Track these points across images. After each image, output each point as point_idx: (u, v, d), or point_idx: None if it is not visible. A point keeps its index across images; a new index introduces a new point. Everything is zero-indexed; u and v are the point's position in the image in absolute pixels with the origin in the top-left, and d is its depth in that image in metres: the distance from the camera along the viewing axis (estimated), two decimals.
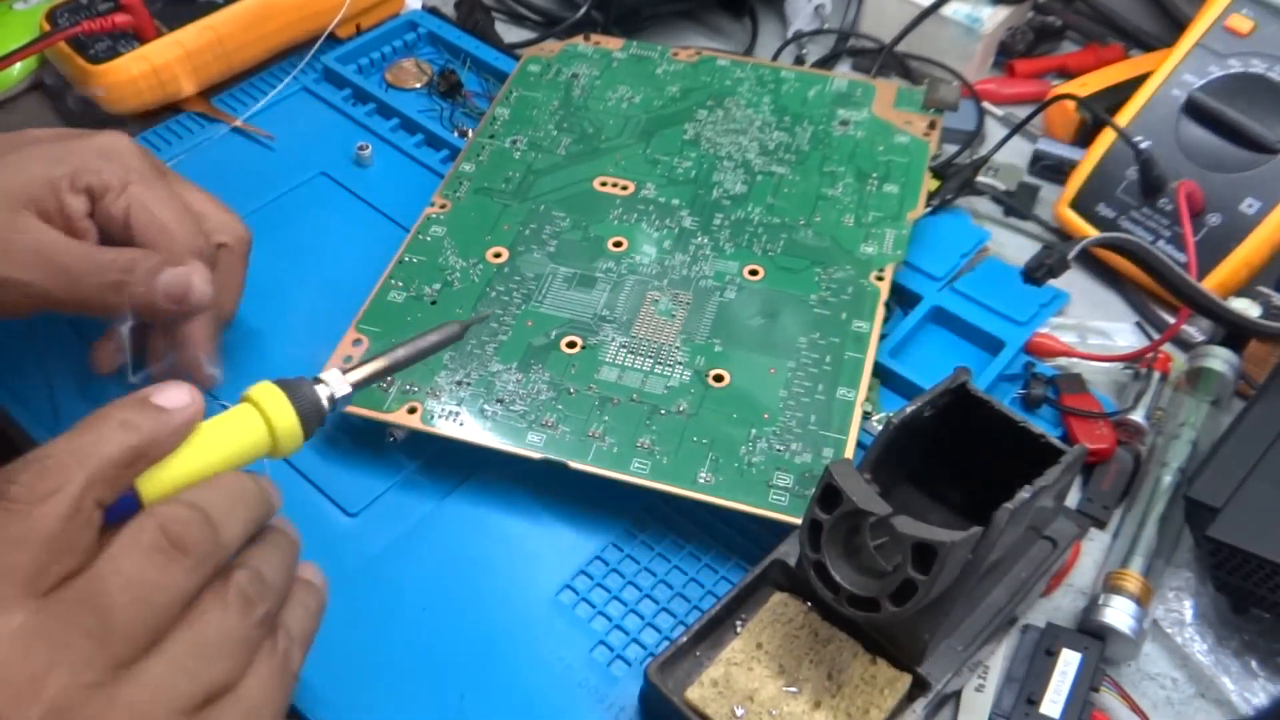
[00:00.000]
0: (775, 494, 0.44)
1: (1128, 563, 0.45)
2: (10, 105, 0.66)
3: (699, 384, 0.48)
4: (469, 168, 0.58)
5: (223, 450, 0.31)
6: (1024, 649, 0.44)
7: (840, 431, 0.46)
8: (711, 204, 0.56)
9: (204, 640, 0.28)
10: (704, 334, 0.50)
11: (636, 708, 0.42)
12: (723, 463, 0.45)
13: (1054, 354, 0.54)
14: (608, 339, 0.49)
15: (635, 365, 0.48)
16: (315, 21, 0.66)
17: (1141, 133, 0.59)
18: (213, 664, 0.28)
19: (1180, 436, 0.50)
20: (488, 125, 0.61)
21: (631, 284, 0.52)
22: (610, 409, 0.47)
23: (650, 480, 0.44)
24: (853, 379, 0.48)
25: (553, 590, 0.45)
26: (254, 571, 0.30)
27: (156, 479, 0.30)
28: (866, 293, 0.51)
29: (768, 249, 0.54)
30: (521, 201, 0.56)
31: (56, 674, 0.25)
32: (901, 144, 0.59)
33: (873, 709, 0.39)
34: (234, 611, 0.28)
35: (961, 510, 0.45)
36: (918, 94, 0.62)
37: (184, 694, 0.27)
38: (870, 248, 0.53)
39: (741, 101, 0.62)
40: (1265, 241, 0.56)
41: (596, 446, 0.45)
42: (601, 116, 0.61)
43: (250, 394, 0.33)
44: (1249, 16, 0.59)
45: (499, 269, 0.52)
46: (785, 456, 0.45)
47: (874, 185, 0.57)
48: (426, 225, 0.55)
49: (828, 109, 0.61)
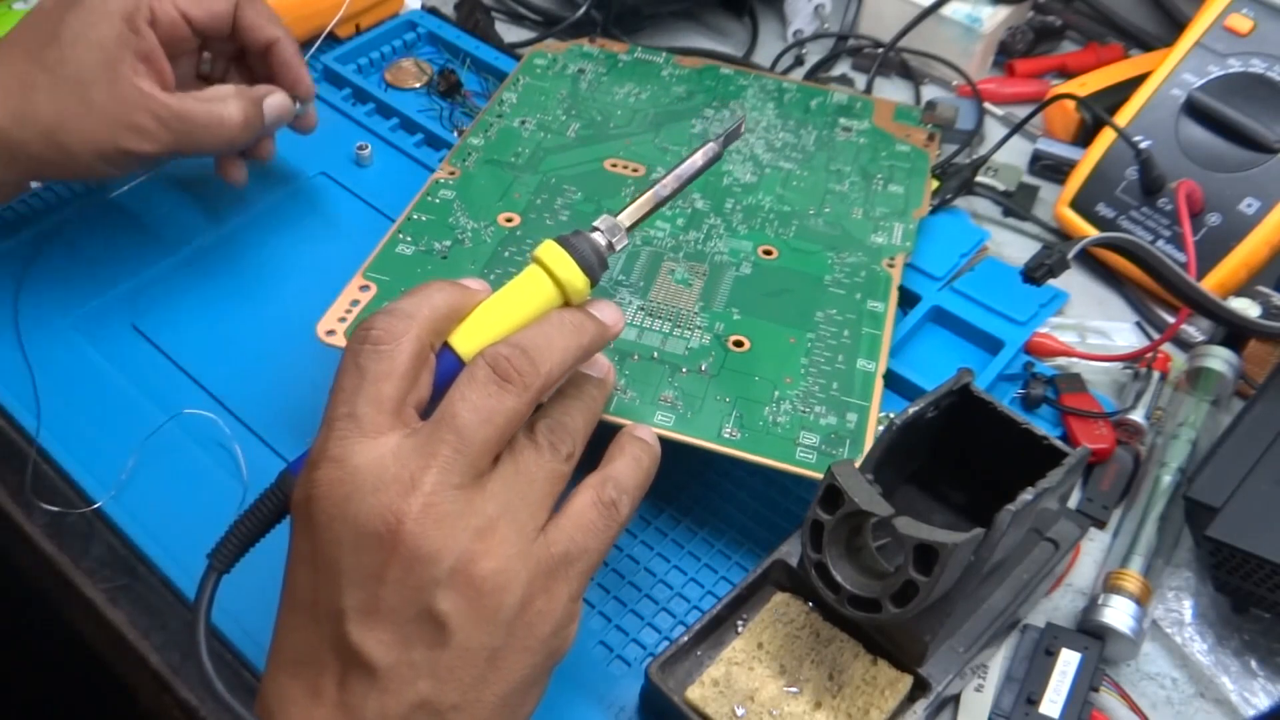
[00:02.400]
0: (802, 451, 0.43)
1: (1127, 563, 0.45)
2: None
3: (719, 348, 0.47)
4: (477, 141, 0.58)
5: (518, 306, 0.37)
6: (1023, 649, 0.44)
7: (863, 399, 0.45)
8: (723, 190, 0.56)
9: (524, 469, 0.34)
10: (722, 303, 0.49)
11: (636, 707, 0.42)
12: (747, 420, 0.44)
13: (1054, 354, 0.54)
14: (624, 301, 0.49)
15: (654, 327, 0.48)
16: (314, 21, 0.66)
17: (1141, 132, 0.59)
18: (535, 486, 0.34)
19: (1180, 436, 0.50)
20: (495, 106, 0.61)
21: (647, 254, 0.52)
22: (630, 364, 0.46)
23: (675, 432, 0.43)
24: (872, 352, 0.47)
25: None
26: (553, 420, 0.36)
27: (466, 335, 0.36)
28: (879, 277, 0.51)
29: (780, 233, 0.53)
30: (533, 174, 0.56)
31: (429, 475, 0.32)
32: (903, 152, 0.59)
33: (873, 710, 0.39)
34: (543, 450, 0.34)
35: (964, 511, 0.45)
36: (915, 111, 0.62)
37: (518, 508, 0.33)
38: (880, 238, 0.54)
39: (746, 105, 0.62)
40: (1265, 241, 0.56)
41: (618, 398, 0.45)
42: (610, 107, 0.61)
43: (535, 253, 0.37)
44: (1249, 16, 0.59)
45: (511, 232, 0.52)
46: (810, 418, 0.44)
47: (879, 185, 0.57)
48: (435, 188, 0.54)
49: (829, 117, 0.62)
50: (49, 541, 0.46)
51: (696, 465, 0.49)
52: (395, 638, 0.31)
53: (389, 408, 0.33)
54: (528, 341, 0.35)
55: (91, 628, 0.46)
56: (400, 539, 0.31)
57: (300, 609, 0.33)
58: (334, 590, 0.32)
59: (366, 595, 0.31)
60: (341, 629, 0.31)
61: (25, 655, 0.74)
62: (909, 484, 0.45)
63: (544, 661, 0.34)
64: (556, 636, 0.34)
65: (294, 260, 0.57)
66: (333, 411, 0.33)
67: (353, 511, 0.31)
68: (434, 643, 0.32)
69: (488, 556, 0.32)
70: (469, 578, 0.32)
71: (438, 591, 0.31)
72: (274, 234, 0.58)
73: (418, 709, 0.32)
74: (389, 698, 0.31)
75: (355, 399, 0.33)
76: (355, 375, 0.33)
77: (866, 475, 0.38)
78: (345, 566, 0.31)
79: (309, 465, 0.33)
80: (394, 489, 0.31)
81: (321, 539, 0.32)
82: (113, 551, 0.46)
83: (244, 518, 0.36)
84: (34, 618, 0.66)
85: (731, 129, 0.41)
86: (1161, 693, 0.44)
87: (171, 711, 0.44)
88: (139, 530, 0.46)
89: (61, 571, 0.46)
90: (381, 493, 0.31)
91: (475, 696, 0.32)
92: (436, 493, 0.32)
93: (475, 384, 0.33)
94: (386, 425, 0.33)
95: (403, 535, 0.31)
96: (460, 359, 0.36)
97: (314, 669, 0.32)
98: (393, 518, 0.31)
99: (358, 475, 0.32)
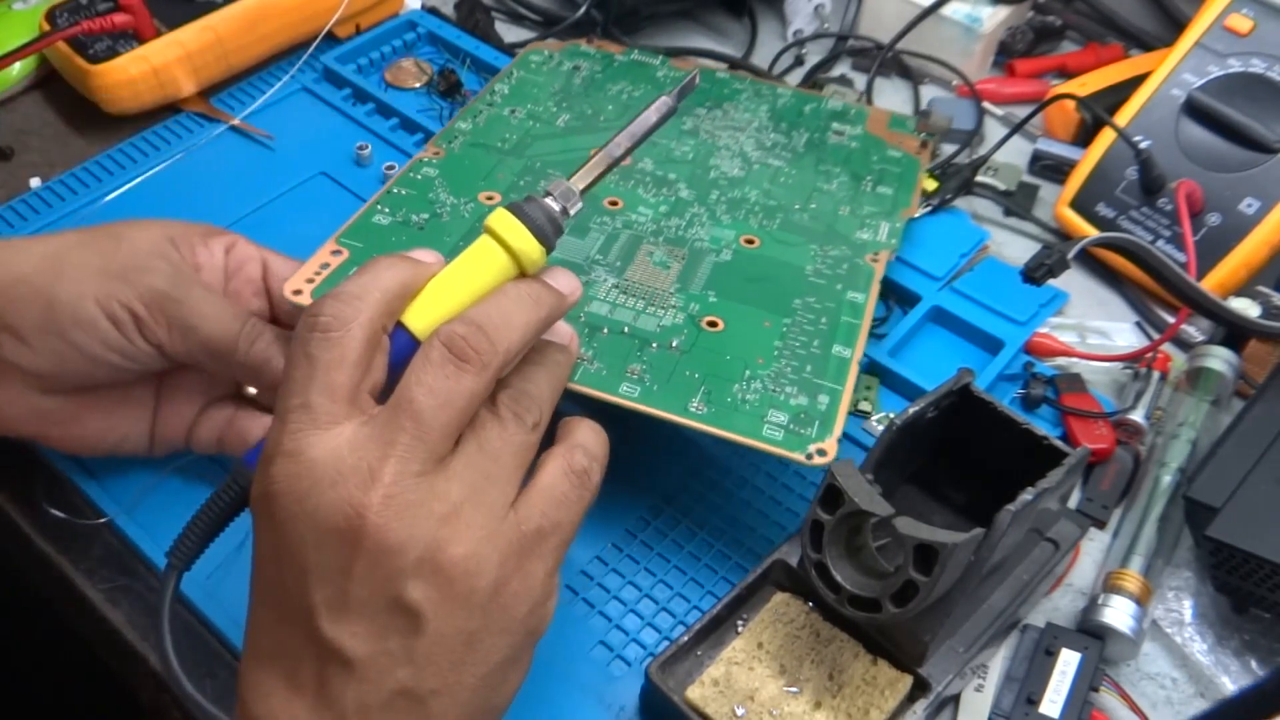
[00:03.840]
0: (769, 428, 0.42)
1: (1127, 562, 0.45)
2: (10, 105, 0.66)
3: (692, 326, 0.47)
4: (465, 125, 0.58)
5: (472, 279, 0.35)
6: (1024, 649, 0.44)
7: (836, 382, 0.45)
8: (709, 182, 0.56)
9: (489, 446, 0.33)
10: (699, 286, 0.49)
11: (636, 707, 0.42)
12: (715, 395, 0.43)
13: (1053, 354, 0.54)
14: (599, 279, 0.49)
15: (627, 305, 0.47)
16: (314, 21, 0.66)
17: (1141, 132, 0.59)
18: (502, 462, 0.33)
19: (1180, 436, 0.50)
20: (487, 95, 0.60)
21: (626, 237, 0.51)
22: (600, 338, 0.45)
23: (639, 403, 0.43)
24: (849, 339, 0.47)
25: None
26: (516, 390, 0.35)
27: (419, 312, 0.35)
28: (862, 270, 0.51)
29: (764, 224, 0.53)
30: (518, 158, 0.56)
31: (389, 464, 0.31)
32: (894, 157, 0.59)
33: (873, 709, 0.39)
34: (508, 424, 0.34)
35: (964, 511, 0.45)
36: (910, 121, 0.62)
37: (484, 487, 0.33)
38: (865, 234, 0.53)
39: (740, 106, 0.62)
40: (1264, 241, 0.56)
41: (584, 368, 0.44)
42: (602, 102, 0.61)
43: (487, 222, 0.36)
44: (1249, 16, 0.59)
45: (491, 209, 0.52)
46: (780, 397, 0.44)
47: (869, 186, 0.57)
48: (418, 166, 0.54)
49: (823, 122, 0.62)
50: (48, 542, 0.46)
51: (696, 464, 0.49)
52: (369, 629, 0.31)
53: (343, 396, 0.32)
54: (484, 318, 0.34)
55: (91, 628, 0.46)
56: (364, 533, 0.31)
57: (270, 604, 0.33)
58: (302, 586, 0.31)
59: (335, 590, 0.31)
60: (314, 624, 0.31)
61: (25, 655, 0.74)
62: (909, 484, 0.45)
63: (523, 640, 0.34)
64: (534, 615, 0.34)
65: None
66: (285, 403, 0.32)
67: (312, 507, 0.31)
68: (409, 631, 0.31)
69: (456, 542, 0.31)
70: (437, 565, 0.31)
71: (407, 582, 0.31)
72: (274, 234, 0.58)
73: (398, 696, 0.32)
74: (368, 687, 0.31)
75: (308, 389, 0.32)
76: (306, 365, 0.32)
77: (866, 475, 0.38)
78: (311, 563, 0.31)
79: (264, 460, 0.32)
80: (353, 481, 0.31)
81: (284, 536, 0.31)
82: (112, 552, 0.46)
83: (201, 513, 0.36)
84: (33, 618, 0.66)
85: (686, 83, 0.39)
86: (1161, 693, 0.44)
87: (170, 711, 0.44)
88: (139, 532, 0.46)
89: (61, 571, 0.46)
90: (340, 486, 0.31)
91: (455, 680, 0.32)
92: (397, 482, 0.31)
93: (431, 366, 0.32)
94: (341, 415, 0.32)
95: (366, 529, 0.31)
96: (415, 338, 0.35)
97: (290, 662, 0.32)
98: (354, 512, 0.31)
99: (315, 469, 0.31)
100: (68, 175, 0.61)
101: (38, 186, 0.60)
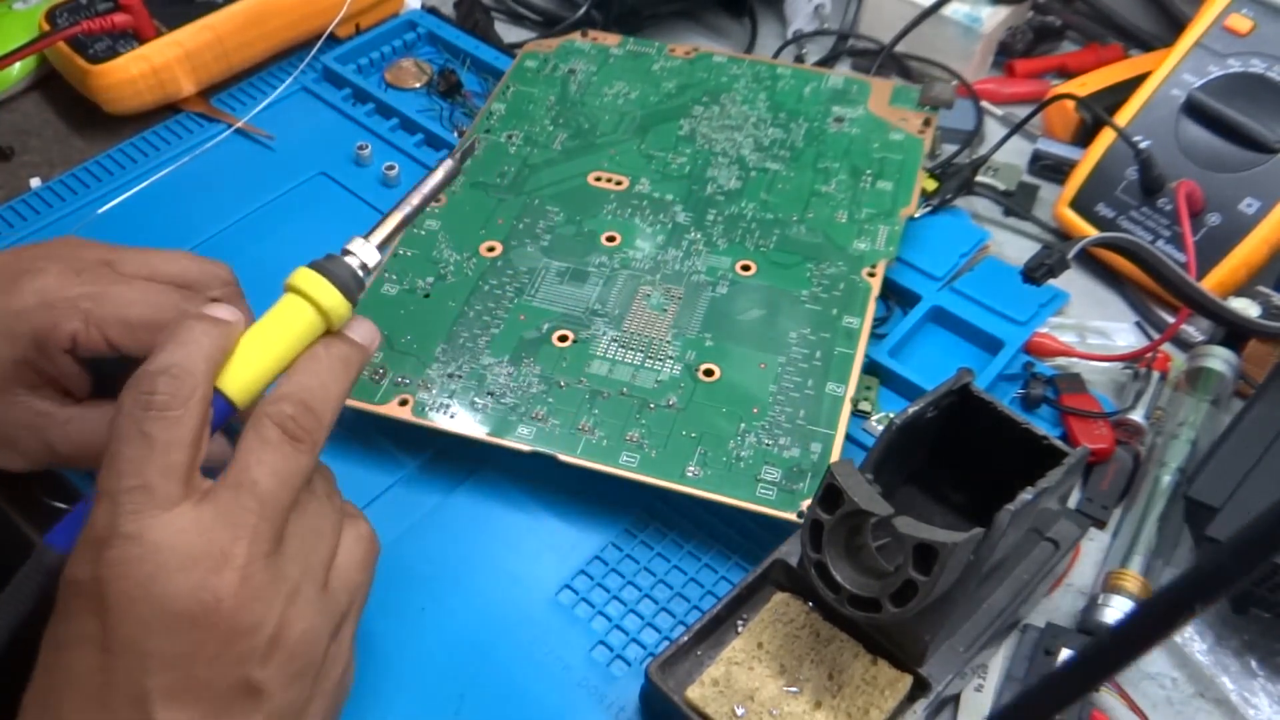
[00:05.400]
0: (763, 488, 0.44)
1: (1127, 562, 0.45)
2: (10, 105, 0.66)
3: (689, 378, 0.48)
4: (466, 163, 0.58)
5: (282, 338, 0.35)
6: (1024, 649, 0.44)
7: (829, 427, 0.46)
8: (705, 200, 0.56)
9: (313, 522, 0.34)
10: (695, 328, 0.50)
11: (636, 707, 0.42)
12: (711, 456, 0.45)
13: (1053, 354, 0.54)
14: (599, 333, 0.49)
15: (626, 360, 0.48)
16: (315, 21, 0.66)
17: (1141, 132, 0.59)
18: (324, 537, 0.34)
19: (1180, 436, 0.50)
20: (484, 120, 0.61)
21: (624, 279, 0.52)
22: (600, 402, 0.47)
23: (639, 474, 0.44)
24: (842, 374, 0.48)
25: (552, 590, 0.45)
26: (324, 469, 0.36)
27: (234, 376, 0.34)
28: (858, 289, 0.51)
29: (760, 245, 0.54)
30: (516, 195, 0.56)
31: (239, 547, 0.31)
32: (896, 141, 0.59)
33: (873, 709, 0.39)
34: (323, 500, 0.35)
35: (964, 511, 0.45)
36: (914, 91, 0.62)
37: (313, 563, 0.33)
38: (863, 244, 0.53)
39: (737, 98, 0.62)
40: (1264, 241, 0.56)
41: (586, 440, 0.45)
42: (598, 112, 0.61)
43: (290, 281, 0.36)
44: (1249, 16, 0.59)
45: (492, 262, 0.53)
46: (774, 451, 0.45)
47: (868, 182, 0.57)
48: (421, 219, 0.55)
49: (823, 106, 0.61)
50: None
51: None
52: (207, 712, 0.31)
53: (180, 476, 0.31)
54: (308, 394, 0.34)
55: None
56: (218, 616, 0.30)
57: (83, 694, 0.31)
58: (136, 673, 0.30)
59: (178, 675, 0.30)
60: (147, 711, 0.30)
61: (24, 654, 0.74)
62: (909, 484, 0.45)
63: (336, 702, 0.35)
64: (346, 675, 0.35)
65: (294, 261, 0.55)
66: (117, 483, 0.31)
67: (158, 592, 0.30)
68: (248, 710, 0.31)
69: (299, 619, 0.32)
70: (282, 643, 0.32)
71: (256, 663, 0.31)
72: (273, 234, 0.58)
73: None
74: None
75: (145, 470, 0.31)
76: (142, 444, 0.31)
77: (866, 475, 0.38)
78: (152, 648, 0.30)
79: (97, 544, 0.30)
80: (204, 565, 0.30)
81: (119, 621, 0.30)
82: None
83: None
84: None
85: (466, 146, 0.43)
86: (1161, 693, 0.44)
87: None
88: None
89: None
90: (191, 570, 0.30)
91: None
92: (249, 565, 0.31)
93: (270, 447, 0.32)
94: (179, 495, 0.31)
95: (221, 612, 0.30)
96: (230, 402, 0.34)
97: None
98: (209, 596, 0.30)
99: (160, 553, 0.30)
100: (68, 175, 0.61)
101: (38, 186, 0.60)
